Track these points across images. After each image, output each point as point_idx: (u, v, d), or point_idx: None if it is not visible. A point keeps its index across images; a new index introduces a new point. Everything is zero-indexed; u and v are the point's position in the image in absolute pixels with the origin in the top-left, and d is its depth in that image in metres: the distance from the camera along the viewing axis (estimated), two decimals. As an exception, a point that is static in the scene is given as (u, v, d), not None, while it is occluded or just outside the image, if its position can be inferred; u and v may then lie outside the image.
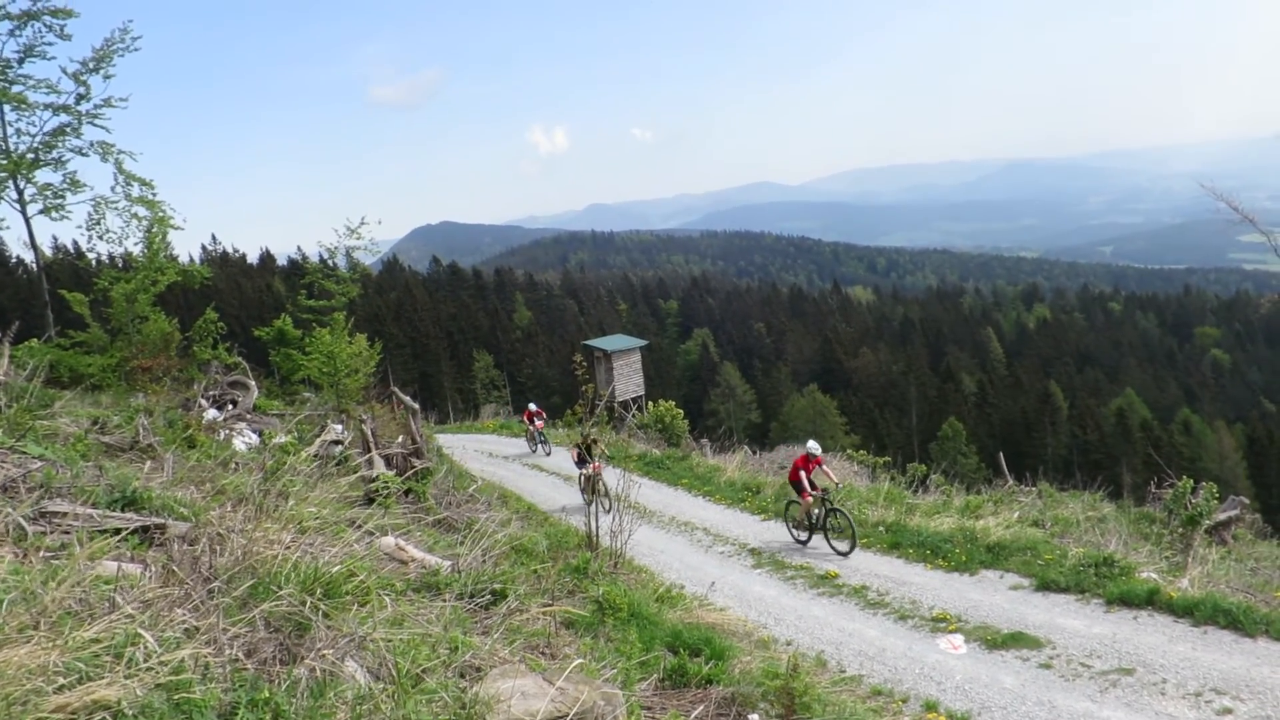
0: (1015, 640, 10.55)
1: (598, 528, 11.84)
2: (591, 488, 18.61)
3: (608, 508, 16.78)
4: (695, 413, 79.41)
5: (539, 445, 28.87)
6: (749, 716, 6.35)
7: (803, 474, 15.52)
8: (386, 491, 9.43)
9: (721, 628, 9.92)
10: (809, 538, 15.67)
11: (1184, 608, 10.69)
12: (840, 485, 16.61)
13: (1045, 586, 12.26)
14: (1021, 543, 13.98)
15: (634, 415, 35.57)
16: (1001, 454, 27.02)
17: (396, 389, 18.93)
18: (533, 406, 30.05)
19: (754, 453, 28.71)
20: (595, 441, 19.34)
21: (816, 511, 15.35)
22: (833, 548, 15.04)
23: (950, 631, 11.14)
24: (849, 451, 27.07)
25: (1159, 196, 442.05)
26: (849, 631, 11.51)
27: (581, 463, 19.55)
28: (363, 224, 22.36)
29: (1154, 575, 12.35)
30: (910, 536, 15.08)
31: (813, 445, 16.03)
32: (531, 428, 29.16)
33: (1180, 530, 14.96)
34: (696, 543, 16.69)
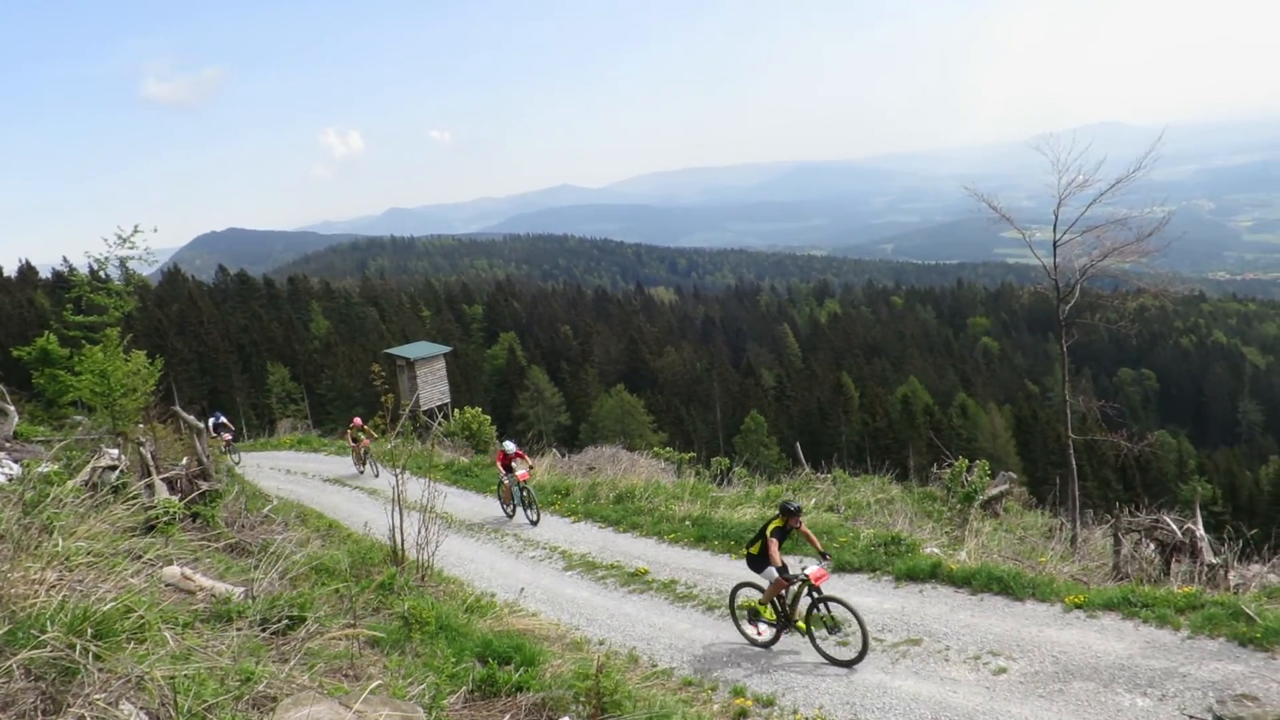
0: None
1: (403, 540, 11.53)
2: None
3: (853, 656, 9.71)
4: (504, 417, 78.84)
5: (520, 508, 18.54)
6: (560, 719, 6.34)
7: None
8: (168, 518, 8.82)
9: (533, 633, 9.89)
10: None
11: (963, 578, 11.53)
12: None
13: (841, 568, 12.89)
14: (819, 527, 14.60)
15: (440, 423, 34.92)
16: (799, 444, 28.30)
17: (179, 408, 17.78)
18: (510, 446, 18.88)
19: (563, 455, 28.75)
20: (799, 515, 10.38)
21: None
22: None
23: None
24: (656, 449, 27.52)
25: (933, 197, 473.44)
26: (660, 626, 11.73)
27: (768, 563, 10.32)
28: (136, 232, 20.94)
29: (936, 550, 13.24)
30: (716, 529, 15.48)
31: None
32: (508, 479, 18.50)
33: (958, 506, 16.17)
34: (507, 549, 16.54)
